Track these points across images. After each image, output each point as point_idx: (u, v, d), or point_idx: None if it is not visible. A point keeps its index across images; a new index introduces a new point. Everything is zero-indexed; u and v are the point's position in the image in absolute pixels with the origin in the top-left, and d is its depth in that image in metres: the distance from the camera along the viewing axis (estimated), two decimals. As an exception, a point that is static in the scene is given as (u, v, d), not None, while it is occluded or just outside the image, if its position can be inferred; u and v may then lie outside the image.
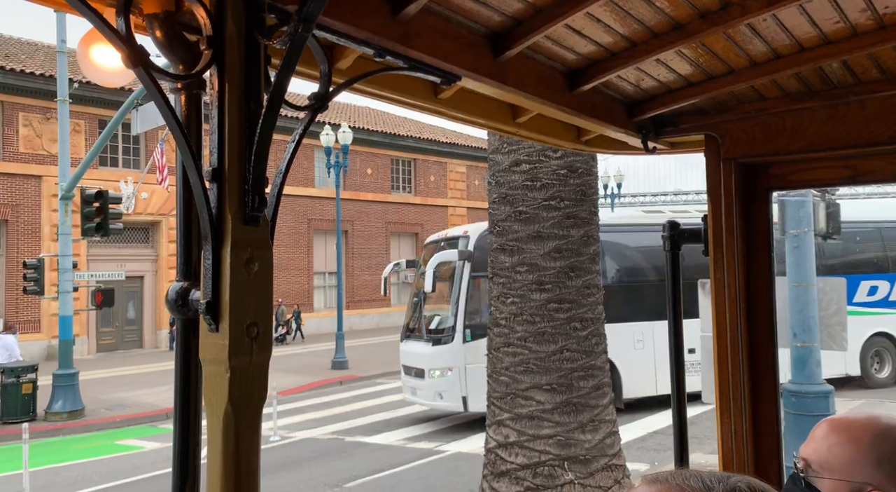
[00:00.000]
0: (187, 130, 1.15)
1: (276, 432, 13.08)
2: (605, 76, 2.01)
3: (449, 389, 12.75)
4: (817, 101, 2.24)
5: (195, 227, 1.21)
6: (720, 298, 2.33)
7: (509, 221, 4.92)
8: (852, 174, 2.29)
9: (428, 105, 1.87)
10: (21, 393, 14.67)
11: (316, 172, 31.13)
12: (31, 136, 23.27)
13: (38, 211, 23.44)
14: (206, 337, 1.12)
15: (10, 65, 22.49)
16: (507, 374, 4.84)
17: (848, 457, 1.33)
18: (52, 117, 23.49)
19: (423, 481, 10.20)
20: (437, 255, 13.06)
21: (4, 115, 22.79)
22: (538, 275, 4.75)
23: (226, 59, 1.12)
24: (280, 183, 1.22)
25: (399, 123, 36.30)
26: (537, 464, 4.66)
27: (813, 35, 1.90)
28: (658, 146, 2.52)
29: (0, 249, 23.02)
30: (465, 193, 36.48)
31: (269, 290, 1.15)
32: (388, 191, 33.78)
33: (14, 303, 22.84)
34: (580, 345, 4.80)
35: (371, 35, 1.41)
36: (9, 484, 10.73)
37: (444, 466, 10.96)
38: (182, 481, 1.24)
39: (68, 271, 15.41)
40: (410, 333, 14.07)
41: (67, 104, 15.51)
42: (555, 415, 4.68)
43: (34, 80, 22.78)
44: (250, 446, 1.13)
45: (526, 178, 4.86)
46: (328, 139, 21.53)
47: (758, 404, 2.29)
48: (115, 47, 1.05)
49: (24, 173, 23.17)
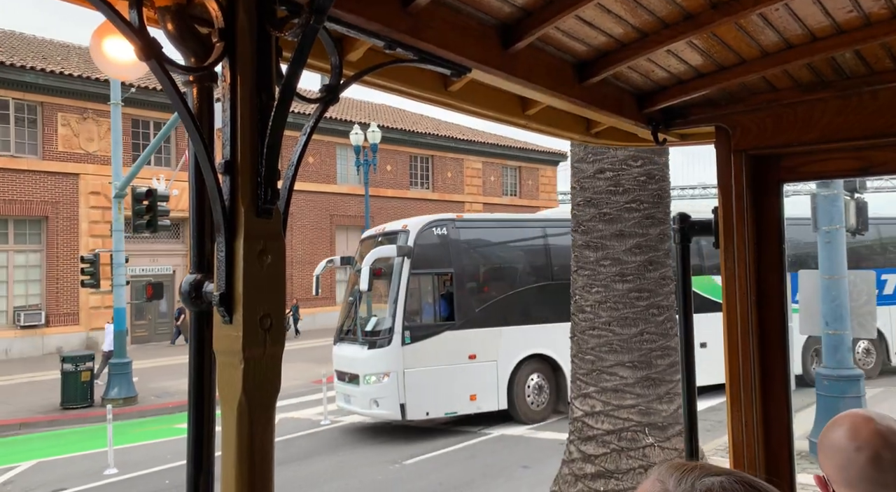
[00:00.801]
0: (200, 123, 1.15)
1: (326, 416, 13.89)
2: (616, 68, 1.99)
3: (386, 395, 11.87)
4: (829, 92, 2.21)
5: (208, 219, 1.22)
6: (731, 290, 2.31)
7: (594, 221, 5.69)
8: (865, 166, 2.26)
9: (437, 98, 1.87)
10: (80, 381, 15.51)
11: (338, 169, 31.89)
12: (69, 135, 24.05)
13: (76, 207, 24.23)
14: (219, 329, 1.13)
15: (50, 67, 23.24)
16: (592, 353, 5.62)
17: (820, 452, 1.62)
18: (89, 117, 24.31)
19: (475, 458, 11.00)
20: (374, 251, 12.21)
21: (44, 115, 23.57)
22: (621, 268, 5.54)
23: (237, 51, 1.12)
24: (292, 175, 1.22)
25: (416, 120, 37.00)
26: (621, 430, 5.46)
27: (826, 24, 1.87)
28: (668, 138, 2.50)
29: (40, 244, 23.83)
30: (482, 189, 37.18)
31: (282, 281, 1.15)
32: (406, 187, 34.52)
33: (55, 296, 23.67)
34: (658, 328, 5.58)
35: (381, 27, 1.40)
36: (87, 461, 11.53)
37: (489, 446, 11.76)
38: (196, 471, 1.24)
39: (121, 266, 16.18)
40: (345, 336, 13.12)
41: (120, 107, 16.24)
42: (636, 388, 5.48)
43: (72, 82, 23.54)
44: (264, 436, 1.13)
45: (609, 183, 5.64)
46: (357, 138, 22.26)
47: (768, 395, 2.27)
48: (129, 40, 1.05)
49: (62, 171, 23.95)
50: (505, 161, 38.15)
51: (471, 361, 12.41)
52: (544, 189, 39.98)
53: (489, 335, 12.65)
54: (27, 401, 16.29)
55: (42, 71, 22.85)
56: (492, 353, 12.62)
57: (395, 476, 10.20)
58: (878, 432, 1.50)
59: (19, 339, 22.96)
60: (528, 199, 38.46)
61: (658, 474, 0.97)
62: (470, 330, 12.50)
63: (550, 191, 40.48)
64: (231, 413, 1.11)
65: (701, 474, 0.93)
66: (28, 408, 15.62)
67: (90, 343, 22.97)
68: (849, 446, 1.51)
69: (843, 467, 1.51)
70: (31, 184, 23.29)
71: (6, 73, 22.27)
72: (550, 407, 13.29)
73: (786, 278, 2.31)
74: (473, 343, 12.46)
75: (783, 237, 2.29)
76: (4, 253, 23.18)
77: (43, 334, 23.34)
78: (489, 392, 12.55)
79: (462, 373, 12.26)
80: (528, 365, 13.00)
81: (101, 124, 24.32)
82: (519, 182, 38.94)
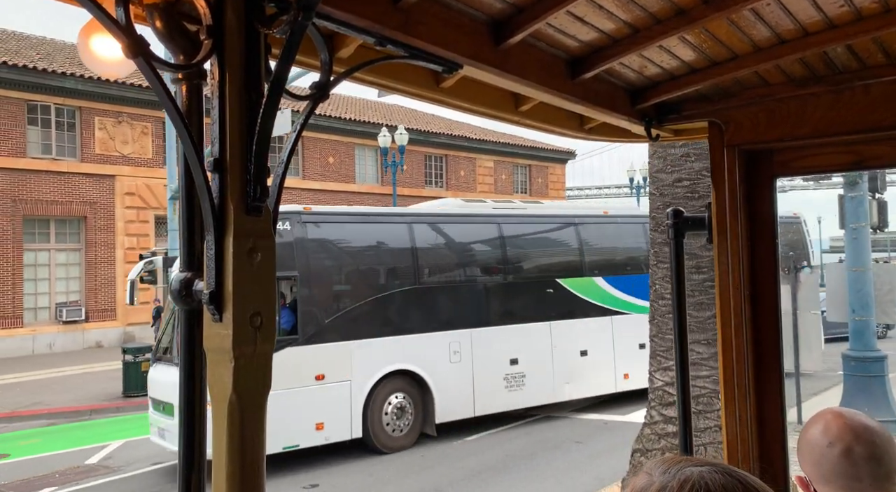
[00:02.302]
0: (188, 121, 1.14)
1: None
2: (608, 63, 1.98)
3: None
4: (822, 87, 2.19)
5: (198, 217, 1.20)
6: (724, 286, 2.30)
7: (672, 223, 6.77)
8: (857, 160, 2.25)
9: (430, 94, 1.86)
10: (140, 370, 16.51)
11: (356, 169, 32.90)
12: (105, 138, 25.00)
13: (113, 208, 25.19)
14: (209, 327, 1.13)
15: (88, 73, 24.18)
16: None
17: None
18: (124, 121, 25.28)
19: (530, 436, 12.10)
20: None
21: (82, 119, 24.52)
22: (696, 261, 6.61)
23: (226, 48, 1.12)
24: (282, 173, 1.21)
25: (429, 120, 38.02)
26: (697, 396, 6.55)
27: (817, 19, 1.86)
28: (662, 134, 2.50)
29: (80, 243, 24.80)
30: (493, 187, 38.23)
31: (272, 280, 1.15)
32: (422, 186, 35.54)
33: (93, 292, 24.65)
34: (728, 311, 6.66)
35: (372, 23, 1.39)
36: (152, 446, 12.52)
37: (538, 426, 12.85)
38: (188, 469, 1.23)
39: (175, 263, 17.23)
40: (162, 355, 10.88)
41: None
42: (710, 361, 6.55)
43: (108, 87, 24.48)
44: (255, 434, 1.13)
45: (686, 191, 6.71)
46: (385, 140, 23.31)
47: (762, 391, 2.26)
48: (115, 37, 1.04)
49: (99, 173, 24.89)
50: (516, 160, 39.22)
51: (318, 382, 10.37)
52: (553, 186, 41.10)
53: (341, 351, 10.60)
54: (87, 390, 17.31)
55: (81, 77, 23.79)
56: (344, 372, 10.60)
57: (462, 450, 11.27)
58: (849, 427, 1.54)
59: (62, 334, 23.94)
60: (538, 196, 39.55)
61: (647, 467, 1.00)
62: (317, 345, 10.41)
63: (559, 188, 41.62)
64: (222, 411, 1.11)
65: (684, 465, 0.96)
66: (91, 396, 16.64)
67: (127, 337, 23.95)
68: (822, 441, 1.55)
69: (817, 462, 1.55)
70: (71, 185, 24.25)
71: (49, 80, 23.25)
72: (415, 431, 11.45)
73: (779, 273, 2.33)
74: (321, 361, 10.43)
75: (776, 232, 2.30)
76: (46, 252, 24.14)
77: (83, 329, 24.31)
78: (340, 419, 10.55)
79: (307, 398, 10.18)
80: (389, 384, 11.11)
81: (136, 128, 25.33)
82: (529, 180, 40.03)
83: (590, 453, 10.93)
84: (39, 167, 23.54)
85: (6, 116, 22.88)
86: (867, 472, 1.49)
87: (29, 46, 26.06)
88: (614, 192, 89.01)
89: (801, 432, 1.62)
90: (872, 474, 1.49)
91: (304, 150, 30.65)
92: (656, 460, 1.01)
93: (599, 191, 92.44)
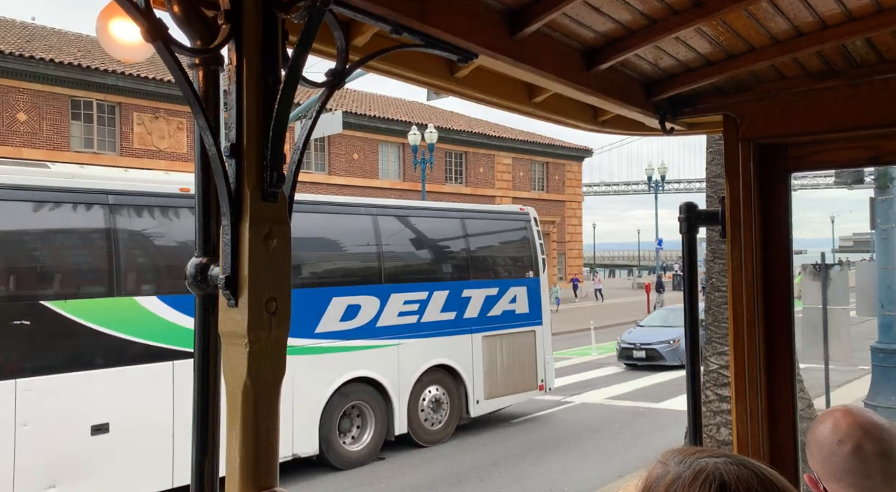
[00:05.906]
0: (205, 106, 1.15)
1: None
2: (624, 55, 1.95)
3: None
4: (839, 81, 2.15)
5: (214, 202, 1.21)
6: (737, 280, 2.26)
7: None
8: (874, 155, 2.22)
9: (444, 84, 1.84)
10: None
11: (380, 164, 33.69)
12: (143, 133, 25.83)
13: (150, 201, 25.98)
14: (225, 312, 1.14)
15: (128, 70, 24.99)
16: (726, 322, 7.48)
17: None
18: (161, 117, 26.11)
19: (569, 419, 12.92)
20: None
21: (122, 115, 25.35)
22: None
23: (244, 34, 1.12)
24: (298, 160, 1.22)
25: (448, 117, 38.75)
26: (726, 383, 7.39)
27: (837, 12, 1.82)
28: (676, 127, 2.46)
29: (118, 234, 25.62)
30: (511, 184, 38.96)
31: (287, 265, 1.16)
32: (442, 182, 36.28)
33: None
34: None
35: (388, 11, 1.38)
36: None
37: (574, 410, 13.69)
38: (202, 453, 1.23)
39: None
40: None
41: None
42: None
43: (146, 83, 25.29)
44: (269, 419, 1.14)
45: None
46: (415, 138, 24.09)
47: (774, 385, 2.23)
48: (135, 21, 1.04)
49: (137, 167, 25.66)
50: (533, 157, 39.94)
51: None
52: (570, 184, 41.84)
53: None
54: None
55: (122, 74, 24.60)
56: None
57: (507, 432, 12.10)
58: (859, 425, 1.52)
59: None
60: (555, 193, 40.32)
61: (662, 457, 1.01)
62: None
63: (576, 185, 42.36)
64: (236, 396, 1.12)
65: (699, 456, 0.96)
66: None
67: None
68: (832, 439, 1.53)
69: (827, 460, 1.53)
70: (111, 178, 25.08)
71: (92, 77, 24.08)
72: None
73: (792, 268, 2.30)
74: None
75: (790, 227, 2.27)
76: (87, 243, 24.98)
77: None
78: None
79: None
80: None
81: (171, 123, 26.16)
82: (546, 177, 40.77)
83: (632, 432, 11.76)
84: (82, 160, 24.34)
85: (52, 112, 23.73)
86: (878, 469, 1.48)
87: (69, 43, 26.88)
88: (622, 189, 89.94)
89: (810, 431, 1.61)
90: (883, 471, 1.48)
91: (330, 146, 31.43)
92: (672, 451, 1.02)
93: (608, 187, 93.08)
